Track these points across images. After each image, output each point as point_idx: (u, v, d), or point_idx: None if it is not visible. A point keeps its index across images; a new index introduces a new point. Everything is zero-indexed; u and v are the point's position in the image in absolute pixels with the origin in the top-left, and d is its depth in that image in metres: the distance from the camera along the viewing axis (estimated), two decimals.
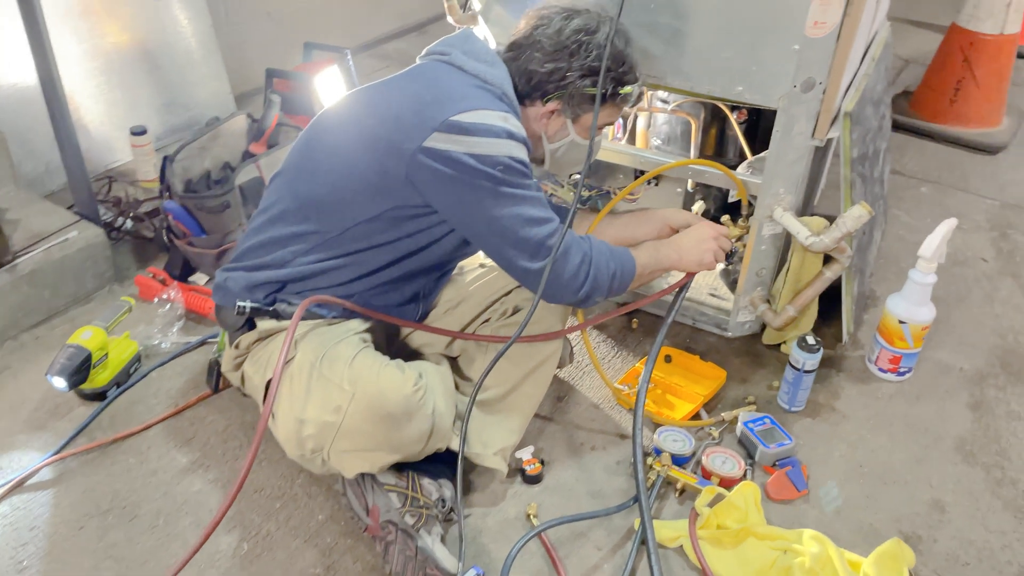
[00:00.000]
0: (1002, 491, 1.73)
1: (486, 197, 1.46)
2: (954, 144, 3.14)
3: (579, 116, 1.61)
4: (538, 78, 1.56)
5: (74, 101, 2.63)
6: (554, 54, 1.54)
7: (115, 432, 1.80)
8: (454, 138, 1.42)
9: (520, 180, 1.48)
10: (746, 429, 1.79)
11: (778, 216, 1.88)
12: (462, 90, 1.50)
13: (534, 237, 1.49)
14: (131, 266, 2.35)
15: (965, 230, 2.63)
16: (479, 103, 1.47)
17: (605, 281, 1.59)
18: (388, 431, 1.44)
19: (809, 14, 1.64)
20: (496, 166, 1.44)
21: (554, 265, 1.50)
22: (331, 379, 1.46)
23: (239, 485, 1.34)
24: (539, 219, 1.50)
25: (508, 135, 1.46)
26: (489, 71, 1.55)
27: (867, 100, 2.02)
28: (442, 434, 1.52)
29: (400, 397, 1.44)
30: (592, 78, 1.55)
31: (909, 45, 4.05)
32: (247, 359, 1.62)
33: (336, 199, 1.53)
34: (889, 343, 1.96)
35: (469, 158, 1.43)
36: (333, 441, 1.46)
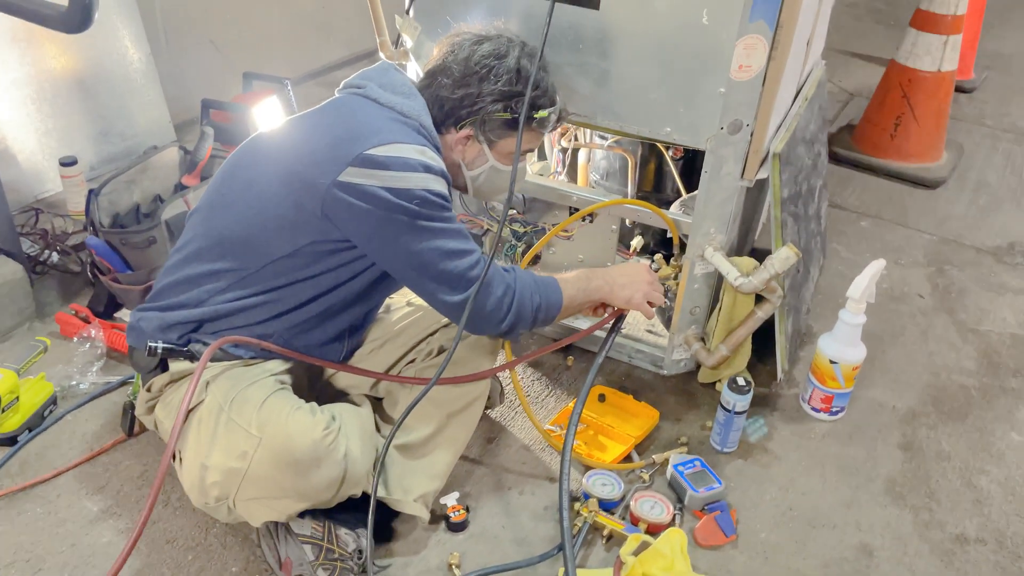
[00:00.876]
0: (930, 534, 1.72)
1: (403, 231, 1.44)
2: (894, 178, 3.19)
3: (495, 142, 1.60)
4: (450, 105, 1.55)
5: (1, 131, 2.56)
6: (463, 79, 1.54)
7: (24, 479, 1.73)
8: (368, 172, 1.40)
9: (438, 213, 1.46)
10: (676, 472, 1.76)
11: (709, 256, 1.88)
12: (377, 123, 1.48)
13: (454, 270, 1.48)
14: (55, 301, 2.27)
15: (903, 265, 2.66)
16: (394, 136, 1.45)
17: (528, 313, 1.57)
18: (295, 478, 1.40)
19: (734, 58, 1.64)
20: (412, 199, 1.42)
21: (476, 297, 1.49)
22: (239, 423, 1.42)
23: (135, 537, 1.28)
24: (459, 251, 1.48)
25: (424, 168, 1.44)
26: (405, 103, 1.53)
27: (798, 140, 2.03)
28: (355, 480, 1.47)
29: (308, 442, 1.40)
30: (504, 103, 1.54)
31: (854, 78, 4.12)
32: (159, 402, 1.57)
33: (252, 235, 1.49)
34: (821, 383, 1.96)
35: (384, 192, 1.41)
36: (239, 488, 1.41)
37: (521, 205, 2.21)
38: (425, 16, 1.90)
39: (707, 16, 1.63)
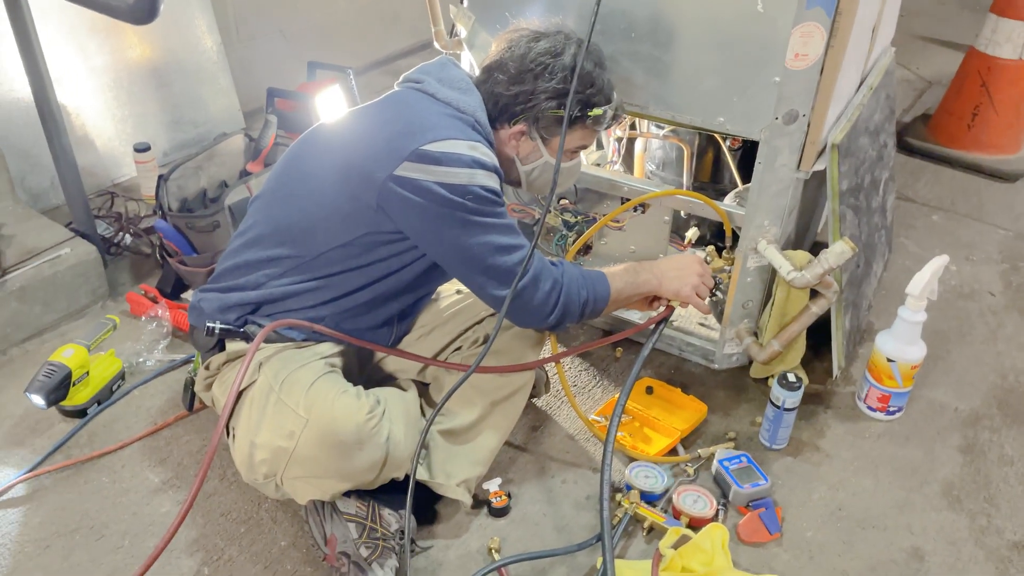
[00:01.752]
0: (986, 540, 1.66)
1: (455, 226, 1.46)
2: (970, 170, 3.06)
3: (549, 138, 1.61)
4: (504, 101, 1.57)
5: (80, 117, 2.69)
6: (519, 76, 1.55)
7: (92, 450, 1.82)
8: (423, 167, 1.43)
9: (489, 209, 1.48)
10: (721, 468, 1.74)
11: (762, 249, 1.84)
12: (433, 119, 1.50)
13: (503, 264, 1.50)
14: (127, 281, 2.38)
15: (975, 262, 2.55)
16: (449, 132, 1.47)
17: (576, 308, 1.59)
18: (339, 459, 1.44)
19: (789, 46, 1.60)
20: (466, 195, 1.44)
21: (524, 291, 1.51)
22: (287, 404, 1.47)
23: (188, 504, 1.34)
24: (508, 247, 1.50)
25: (477, 164, 1.46)
26: (462, 99, 1.55)
27: (860, 130, 1.97)
28: (397, 463, 1.51)
29: (352, 425, 1.44)
30: (558, 100, 1.55)
31: (933, 66, 3.96)
32: (216, 380, 1.63)
33: (309, 225, 1.54)
34: (878, 381, 1.90)
35: (438, 187, 1.43)
36: (286, 467, 1.47)
37: (573, 195, 2.21)
38: (481, 9, 1.91)
39: (762, 3, 1.59)
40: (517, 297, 1.51)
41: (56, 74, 2.21)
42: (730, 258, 1.92)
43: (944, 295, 2.38)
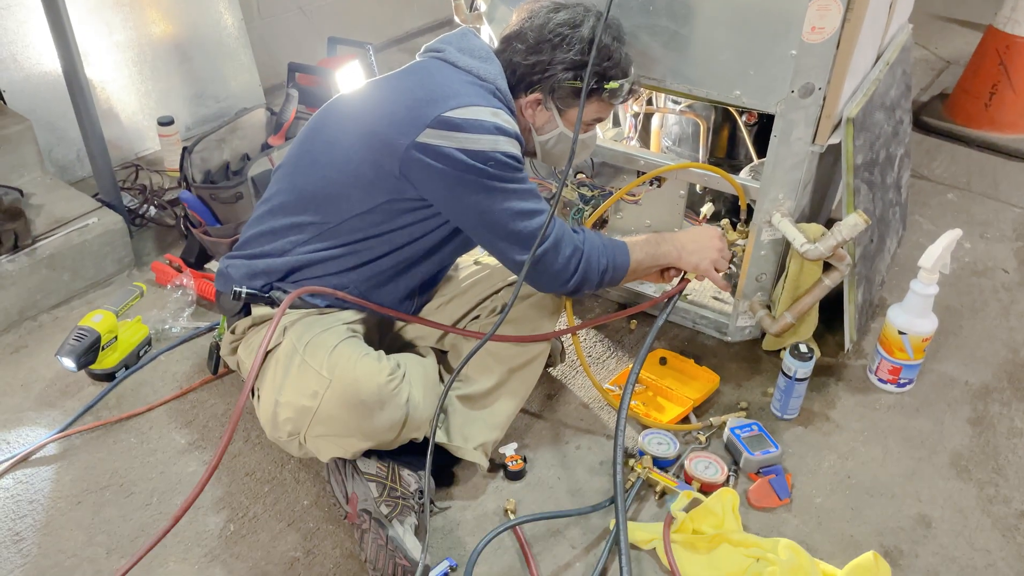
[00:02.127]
0: (993, 509, 1.69)
1: (477, 191, 1.50)
2: (987, 150, 3.06)
3: (565, 109, 1.63)
4: (522, 70, 1.59)
5: (105, 91, 2.74)
6: (537, 46, 1.57)
7: (121, 412, 1.88)
8: (445, 134, 1.46)
9: (511, 175, 1.51)
10: (732, 435, 1.78)
11: (776, 222, 1.86)
12: (455, 87, 1.52)
13: (524, 229, 1.53)
14: (152, 252, 2.44)
15: (989, 239, 2.56)
16: (470, 99, 1.50)
17: (595, 275, 1.62)
18: (361, 418, 1.49)
19: (806, 19, 1.62)
20: (487, 161, 1.47)
21: (545, 256, 1.55)
22: (311, 365, 1.51)
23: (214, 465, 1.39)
24: (529, 212, 1.54)
25: (499, 131, 1.49)
26: (482, 67, 1.57)
27: (876, 105, 1.98)
28: (416, 424, 1.55)
29: (374, 385, 1.48)
30: (575, 72, 1.57)
31: (952, 45, 3.94)
32: (241, 343, 1.68)
33: (333, 192, 1.57)
34: (889, 354, 1.93)
35: (460, 154, 1.46)
36: (309, 425, 1.51)
37: (590, 169, 2.24)
38: None
39: None
40: (537, 262, 1.54)
41: (82, 49, 2.25)
42: (744, 232, 1.95)
43: (958, 272, 2.39)
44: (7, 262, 2.07)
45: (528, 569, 1.54)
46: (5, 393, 1.93)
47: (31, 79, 2.55)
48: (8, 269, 2.06)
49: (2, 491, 1.69)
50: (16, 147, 2.35)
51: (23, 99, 2.53)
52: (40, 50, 2.53)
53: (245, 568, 1.55)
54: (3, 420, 1.86)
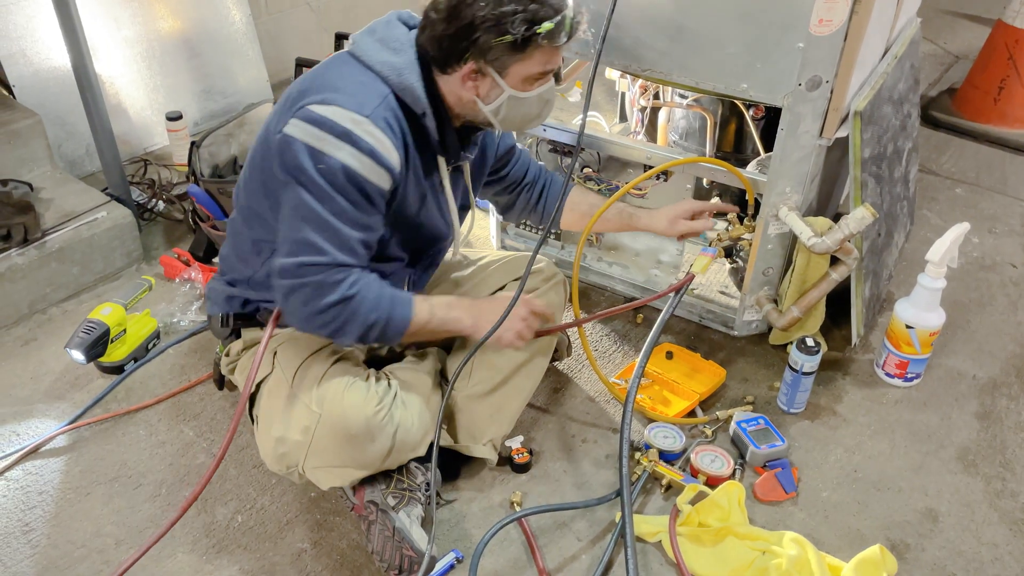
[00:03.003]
0: (1000, 503, 1.69)
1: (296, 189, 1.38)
2: (996, 144, 3.04)
3: (506, 69, 1.43)
4: (447, 44, 1.41)
5: (114, 86, 2.75)
6: (453, 11, 1.38)
7: (129, 404, 1.89)
8: (302, 125, 1.37)
9: (334, 190, 1.37)
10: (739, 429, 1.78)
11: (783, 215, 1.86)
12: (339, 83, 1.41)
13: (296, 257, 1.39)
14: (160, 246, 2.45)
15: (997, 234, 2.55)
16: (340, 99, 1.37)
17: (357, 328, 1.45)
18: (353, 451, 1.47)
19: (813, 12, 1.62)
20: (318, 162, 1.36)
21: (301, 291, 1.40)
22: (301, 398, 1.49)
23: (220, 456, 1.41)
24: (316, 247, 1.38)
25: (347, 139, 1.36)
26: (389, 61, 1.43)
27: (884, 99, 1.97)
28: (411, 446, 1.53)
29: (362, 419, 1.46)
30: (500, 26, 1.36)
31: (961, 40, 3.92)
32: (237, 367, 1.67)
33: (262, 206, 1.49)
34: (896, 348, 1.93)
35: (303, 147, 1.36)
36: (305, 459, 1.50)
37: (596, 163, 2.24)
38: None
39: None
40: (292, 293, 1.41)
41: (91, 44, 2.26)
42: (751, 225, 1.95)
43: (966, 266, 2.39)
44: (17, 255, 2.09)
45: (534, 561, 1.55)
46: (15, 385, 1.95)
47: (40, 74, 2.56)
48: (18, 262, 2.08)
49: (12, 482, 1.71)
50: (26, 142, 2.36)
51: (33, 94, 2.55)
52: (49, 45, 2.54)
53: (253, 559, 1.56)
54: (13, 412, 1.87)
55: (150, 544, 1.44)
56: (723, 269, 2.27)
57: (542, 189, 1.87)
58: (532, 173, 1.87)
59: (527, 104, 1.49)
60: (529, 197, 1.87)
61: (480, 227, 2.55)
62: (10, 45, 2.49)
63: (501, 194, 1.89)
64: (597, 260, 2.27)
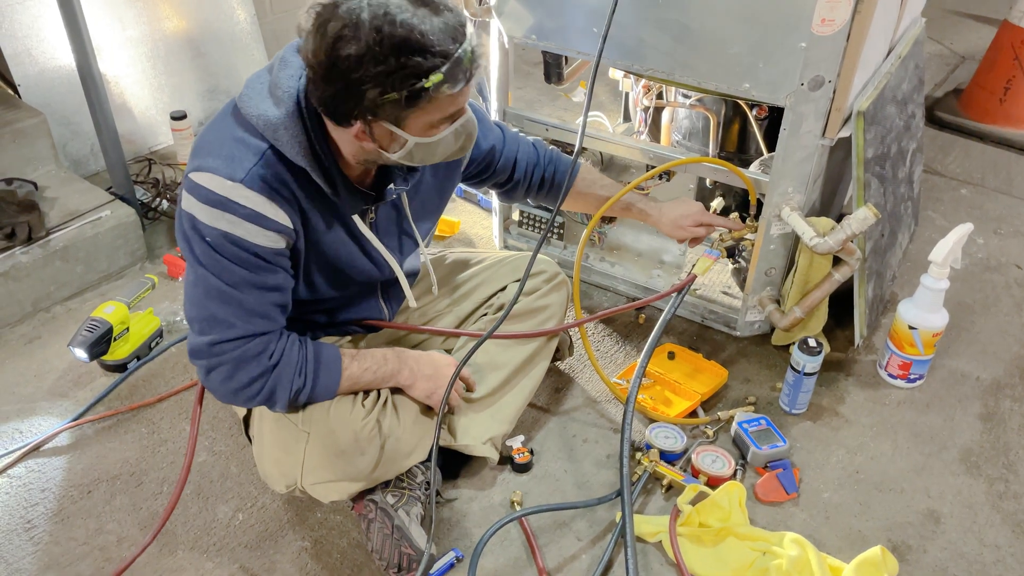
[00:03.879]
0: (1003, 505, 1.68)
1: (192, 263, 1.35)
2: (1002, 145, 3.03)
3: (402, 121, 1.27)
4: (330, 104, 1.25)
5: (119, 86, 2.76)
6: (327, 75, 1.20)
7: (132, 402, 1.90)
8: (185, 196, 1.32)
9: (226, 263, 1.31)
10: (740, 429, 1.78)
11: (785, 215, 1.86)
12: (214, 145, 1.32)
13: (206, 336, 1.35)
14: (164, 245, 2.45)
15: (1003, 235, 2.54)
16: (213, 164, 1.29)
17: (285, 394, 1.42)
18: (345, 466, 1.47)
19: (816, 11, 1.61)
20: (205, 236, 1.30)
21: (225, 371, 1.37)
22: (289, 419, 1.49)
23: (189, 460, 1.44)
24: (224, 322, 1.34)
25: (221, 207, 1.28)
26: (266, 114, 1.30)
27: (887, 99, 1.97)
28: (403, 454, 1.52)
29: (350, 434, 1.46)
30: (381, 86, 1.19)
31: (967, 41, 3.90)
32: None
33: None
34: (899, 349, 1.92)
35: (188, 219, 1.31)
36: (301, 477, 1.49)
37: (599, 163, 2.24)
38: None
39: None
40: (211, 372, 1.38)
41: (96, 44, 2.27)
42: (753, 226, 1.94)
43: (971, 268, 2.38)
44: (21, 254, 2.10)
45: (534, 560, 1.55)
46: (18, 383, 1.95)
47: (45, 73, 2.57)
48: (22, 261, 2.09)
49: (15, 479, 1.71)
50: (31, 141, 2.37)
51: (38, 93, 2.56)
52: (54, 45, 2.55)
53: (253, 557, 1.56)
54: (16, 409, 1.88)
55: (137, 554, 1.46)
56: (725, 269, 2.26)
57: (543, 176, 1.82)
58: (524, 163, 1.80)
59: (440, 144, 1.33)
60: (528, 186, 1.84)
61: (482, 227, 2.55)
62: (15, 44, 2.50)
63: (493, 188, 1.87)
64: (599, 260, 2.27)
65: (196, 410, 1.52)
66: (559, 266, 1.86)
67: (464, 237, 2.50)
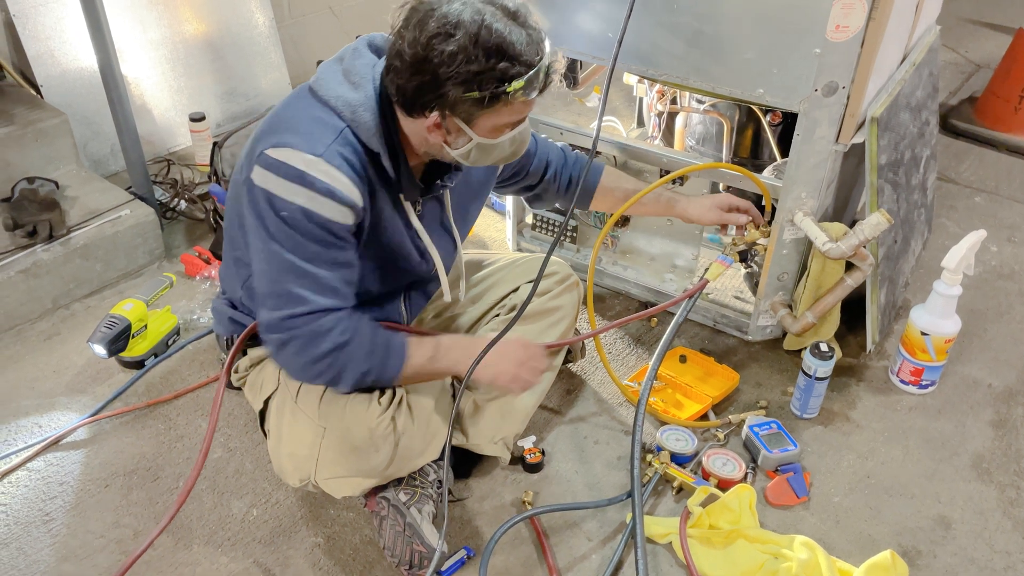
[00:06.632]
0: (1014, 511, 1.68)
1: (265, 239, 1.37)
2: (1016, 153, 3.02)
3: (473, 120, 1.35)
4: (410, 94, 1.32)
5: (139, 87, 2.80)
6: (416, 66, 1.28)
7: (149, 399, 1.92)
8: (263, 172, 1.35)
9: (299, 236, 1.35)
10: (751, 433, 1.78)
11: (798, 220, 1.87)
12: (293, 123, 1.38)
13: (279, 311, 1.38)
14: (182, 244, 2.48)
15: (1016, 243, 2.54)
16: (293, 140, 1.34)
17: (351, 378, 1.44)
18: (359, 462, 1.49)
19: (830, 18, 1.62)
20: (279, 211, 1.33)
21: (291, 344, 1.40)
22: (305, 413, 1.51)
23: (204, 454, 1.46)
24: (297, 297, 1.37)
25: (301, 181, 1.32)
26: (346, 97, 1.37)
27: (901, 105, 1.97)
28: (416, 452, 1.53)
29: (365, 430, 1.47)
30: (466, 85, 1.28)
31: (983, 49, 3.90)
32: (246, 384, 1.67)
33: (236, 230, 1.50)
34: (911, 355, 1.92)
35: (263, 194, 1.35)
36: (315, 472, 1.51)
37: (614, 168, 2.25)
38: None
39: None
40: (284, 347, 1.41)
41: (118, 46, 2.30)
42: (766, 231, 1.95)
43: (984, 275, 2.38)
44: (42, 251, 2.13)
45: (544, 560, 1.56)
46: (38, 379, 1.98)
47: (68, 75, 2.61)
48: (43, 258, 2.12)
49: (34, 473, 1.74)
50: (52, 140, 2.41)
51: (60, 94, 2.60)
52: (76, 46, 2.59)
53: (267, 552, 1.58)
54: (36, 404, 1.91)
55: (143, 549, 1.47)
56: (738, 274, 2.27)
57: (571, 176, 1.85)
58: (554, 166, 1.84)
59: (498, 148, 1.42)
60: (557, 187, 1.86)
61: (496, 229, 2.57)
62: (38, 46, 2.54)
63: (523, 193, 1.90)
64: (612, 264, 2.28)
65: (217, 401, 1.53)
66: (572, 269, 1.88)
67: (478, 239, 2.52)
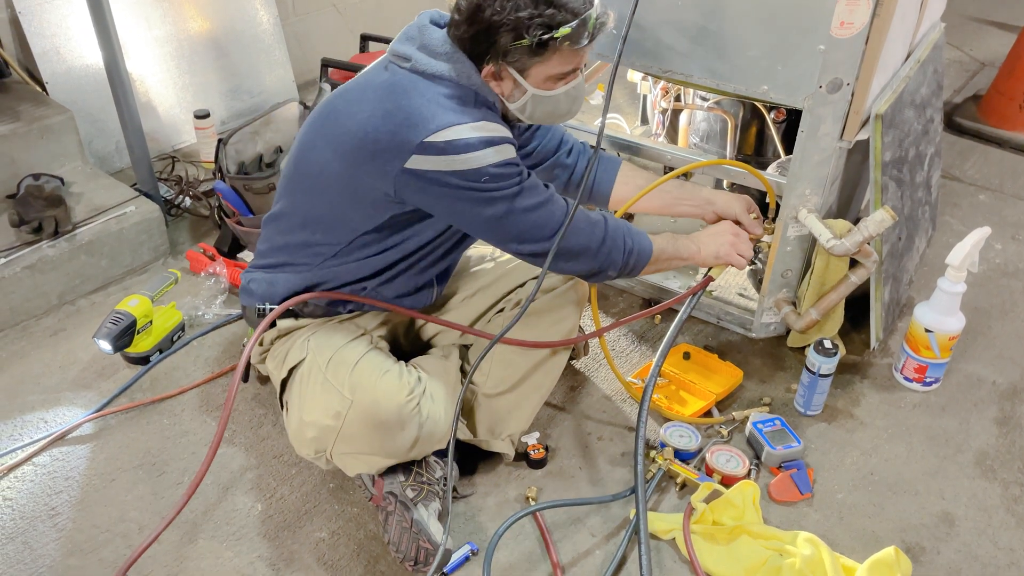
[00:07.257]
0: (1018, 508, 1.68)
1: (478, 204, 1.46)
2: (1020, 151, 3.02)
3: (526, 69, 1.46)
4: (469, 46, 1.45)
5: (144, 84, 2.80)
6: (471, 16, 1.41)
7: (154, 394, 1.93)
8: (433, 158, 1.40)
9: (508, 181, 1.45)
10: (754, 429, 1.79)
11: (802, 217, 1.87)
12: (431, 107, 1.43)
13: (535, 222, 1.50)
14: (187, 241, 2.49)
15: (1020, 241, 2.54)
16: (448, 119, 1.41)
17: (620, 256, 1.59)
18: (382, 438, 1.50)
19: (835, 15, 1.63)
20: (481, 178, 1.42)
21: (564, 239, 1.51)
22: (334, 384, 1.52)
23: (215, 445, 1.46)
24: (536, 205, 1.49)
25: (485, 144, 1.41)
26: (453, 69, 1.46)
27: (905, 103, 1.97)
28: (438, 438, 1.56)
29: (394, 406, 1.49)
30: (516, 32, 1.39)
31: (987, 48, 3.89)
32: (269, 355, 1.68)
33: (335, 215, 1.55)
34: (915, 352, 1.92)
35: (452, 176, 1.41)
36: (334, 444, 1.52)
37: None
38: None
39: None
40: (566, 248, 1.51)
41: (123, 43, 2.31)
42: (770, 228, 1.95)
43: (988, 273, 2.38)
44: (48, 247, 2.14)
45: (548, 555, 1.56)
46: (43, 374, 1.99)
47: (73, 71, 2.62)
48: (48, 254, 2.13)
49: (39, 468, 1.75)
50: (58, 137, 2.42)
51: (65, 91, 2.61)
52: (82, 43, 2.60)
53: (272, 547, 1.59)
54: (41, 400, 1.92)
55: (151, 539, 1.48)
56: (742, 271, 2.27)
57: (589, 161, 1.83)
58: (567, 146, 1.85)
59: (553, 101, 1.52)
60: (571, 174, 1.86)
61: None
62: (44, 43, 2.55)
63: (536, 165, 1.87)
64: None
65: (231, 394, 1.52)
66: None
67: None
